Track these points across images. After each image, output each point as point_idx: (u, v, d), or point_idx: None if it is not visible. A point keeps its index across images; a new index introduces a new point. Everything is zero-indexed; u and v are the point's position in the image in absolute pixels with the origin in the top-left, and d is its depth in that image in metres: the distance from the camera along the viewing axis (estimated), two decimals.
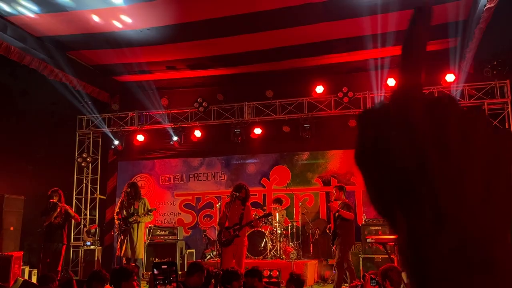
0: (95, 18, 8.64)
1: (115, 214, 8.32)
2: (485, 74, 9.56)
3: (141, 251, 8.18)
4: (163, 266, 1.53)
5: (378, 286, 4.16)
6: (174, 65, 10.71)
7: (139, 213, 8.04)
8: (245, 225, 7.43)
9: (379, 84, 10.28)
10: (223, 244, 7.35)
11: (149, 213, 8.12)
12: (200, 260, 9.76)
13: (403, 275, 6.90)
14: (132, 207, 8.10)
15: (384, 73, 10.40)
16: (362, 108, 10.38)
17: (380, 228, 9.60)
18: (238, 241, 7.37)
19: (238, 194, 7.44)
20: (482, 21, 7.73)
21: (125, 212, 8.04)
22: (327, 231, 9.34)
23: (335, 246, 7.92)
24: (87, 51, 10.25)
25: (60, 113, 11.04)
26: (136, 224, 8.02)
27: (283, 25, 9.04)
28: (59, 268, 7.87)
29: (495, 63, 9.38)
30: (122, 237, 7.97)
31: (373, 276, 4.19)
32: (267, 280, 8.66)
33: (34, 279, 8.70)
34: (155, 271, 1.50)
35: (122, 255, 7.93)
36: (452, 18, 8.63)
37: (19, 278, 7.68)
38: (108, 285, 4.10)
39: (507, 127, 9.55)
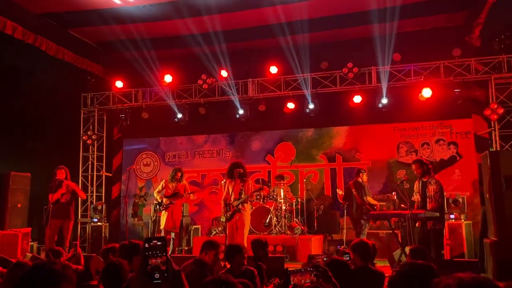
0: None
1: (155, 192, 9.40)
2: (492, 48, 9.38)
3: (179, 225, 9.24)
4: (154, 241, 1.58)
5: (350, 261, 4.26)
6: (178, 41, 10.61)
7: (182, 193, 9.16)
8: (240, 200, 7.66)
9: (385, 60, 10.16)
10: (224, 219, 7.61)
11: (193, 193, 9.44)
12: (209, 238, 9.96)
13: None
14: (177, 188, 9.16)
15: (389, 48, 10.26)
16: (367, 83, 10.29)
17: (385, 203, 9.67)
18: (238, 216, 7.62)
19: (231, 173, 7.81)
20: None
21: (171, 191, 9.13)
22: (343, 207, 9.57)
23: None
24: (90, 28, 10.17)
25: (64, 91, 10.99)
26: (178, 202, 9.13)
27: (289, 1, 8.91)
28: (67, 244, 8.01)
29: (502, 36, 9.18)
30: (166, 212, 9.04)
31: (346, 250, 4.29)
32: (272, 256, 8.77)
33: (42, 255, 8.87)
34: (146, 245, 1.55)
35: (163, 228, 9.00)
36: None
37: (27, 253, 7.84)
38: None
39: None
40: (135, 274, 1.58)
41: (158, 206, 9.55)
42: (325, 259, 4.13)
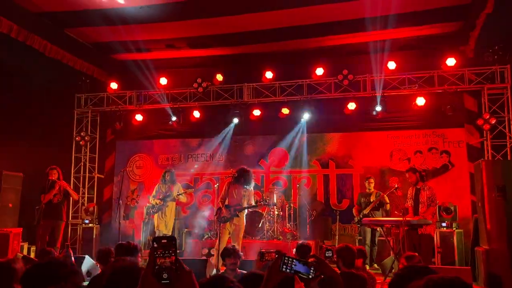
0: None
1: (151, 197, 9.56)
2: (485, 58, 9.51)
3: (171, 227, 9.44)
4: (163, 241, 1.56)
5: (333, 261, 4.30)
6: (173, 43, 10.61)
7: (174, 195, 9.37)
8: (246, 207, 7.63)
9: (380, 67, 10.25)
10: (221, 220, 7.53)
11: (183, 194, 9.59)
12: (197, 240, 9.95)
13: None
14: (169, 191, 9.35)
15: (384, 56, 10.35)
16: (361, 91, 10.34)
17: (379, 211, 9.68)
18: (236, 221, 7.56)
19: (238, 177, 7.69)
20: (488, 6, 7.67)
21: (161, 194, 9.35)
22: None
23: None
24: (85, 28, 10.12)
25: (58, 91, 10.91)
26: (171, 204, 9.30)
27: (285, 6, 8.95)
28: (58, 245, 7.93)
29: (496, 47, 9.30)
30: (158, 214, 9.27)
31: (329, 247, 4.31)
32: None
33: (32, 256, 8.76)
34: (155, 245, 1.52)
35: (157, 229, 9.25)
36: (455, 1, 8.57)
37: (18, 253, 7.75)
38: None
39: (506, 112, 9.58)
40: (143, 275, 1.57)
41: (150, 209, 9.57)
42: (277, 255, 4.19)
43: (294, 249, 5.51)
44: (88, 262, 6.29)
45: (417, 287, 1.58)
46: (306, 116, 10.57)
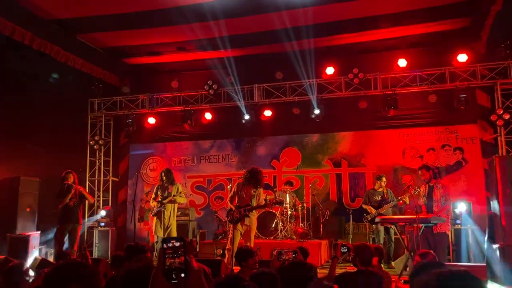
0: None
1: (151, 199, 8.98)
2: (498, 53, 9.41)
3: (174, 231, 8.81)
4: (172, 241, 1.61)
5: (350, 257, 4.30)
6: (184, 46, 10.69)
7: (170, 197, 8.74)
8: (256, 207, 7.65)
9: (390, 65, 10.22)
10: (232, 221, 7.57)
11: (181, 194, 8.86)
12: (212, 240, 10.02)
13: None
14: (166, 191, 8.78)
15: (394, 54, 10.33)
16: (372, 89, 10.32)
17: (390, 208, 9.65)
18: (247, 221, 7.59)
19: (250, 179, 7.66)
20: (498, 2, 7.61)
21: (160, 196, 8.77)
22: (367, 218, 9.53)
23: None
24: (97, 33, 10.25)
25: (71, 96, 11.08)
26: (169, 206, 8.72)
27: (293, 6, 8.97)
28: (75, 248, 8.06)
29: (508, 42, 9.21)
30: (156, 218, 8.70)
31: (344, 243, 4.33)
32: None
33: (50, 259, 8.91)
34: (165, 246, 1.58)
35: (154, 233, 8.71)
36: None
37: (37, 257, 7.90)
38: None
39: None
40: (153, 275, 1.62)
41: (151, 212, 9.14)
42: (294, 255, 4.26)
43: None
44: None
45: (426, 282, 1.57)
46: (317, 116, 10.56)
